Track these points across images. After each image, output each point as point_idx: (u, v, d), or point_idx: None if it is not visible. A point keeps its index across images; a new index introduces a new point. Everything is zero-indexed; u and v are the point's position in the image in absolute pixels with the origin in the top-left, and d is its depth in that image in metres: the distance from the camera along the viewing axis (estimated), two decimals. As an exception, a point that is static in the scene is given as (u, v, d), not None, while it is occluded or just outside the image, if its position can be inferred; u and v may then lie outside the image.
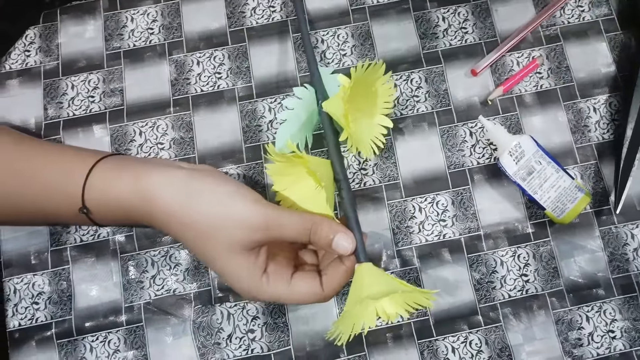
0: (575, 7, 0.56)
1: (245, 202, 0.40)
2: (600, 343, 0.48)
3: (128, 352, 0.48)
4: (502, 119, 0.53)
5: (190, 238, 0.40)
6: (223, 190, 0.41)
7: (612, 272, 0.49)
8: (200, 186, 0.41)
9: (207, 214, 0.40)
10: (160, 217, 0.40)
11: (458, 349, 0.48)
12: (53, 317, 0.48)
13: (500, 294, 0.49)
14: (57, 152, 0.44)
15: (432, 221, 0.50)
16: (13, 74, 0.54)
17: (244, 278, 0.40)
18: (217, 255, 0.40)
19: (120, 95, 0.54)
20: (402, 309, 0.42)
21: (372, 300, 0.41)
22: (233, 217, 0.40)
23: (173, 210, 0.40)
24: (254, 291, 0.41)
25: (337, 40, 0.55)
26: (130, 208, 0.41)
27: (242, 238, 0.39)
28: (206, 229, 0.40)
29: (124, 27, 0.55)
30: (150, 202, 0.40)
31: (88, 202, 0.41)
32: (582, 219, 0.50)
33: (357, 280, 0.41)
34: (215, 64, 0.54)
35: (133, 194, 0.41)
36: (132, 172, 0.41)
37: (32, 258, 0.50)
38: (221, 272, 0.41)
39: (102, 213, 0.42)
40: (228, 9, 0.56)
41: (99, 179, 0.42)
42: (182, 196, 0.40)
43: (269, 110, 0.53)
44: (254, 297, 0.41)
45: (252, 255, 0.40)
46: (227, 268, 0.40)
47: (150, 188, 0.40)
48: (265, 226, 0.40)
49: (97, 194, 0.41)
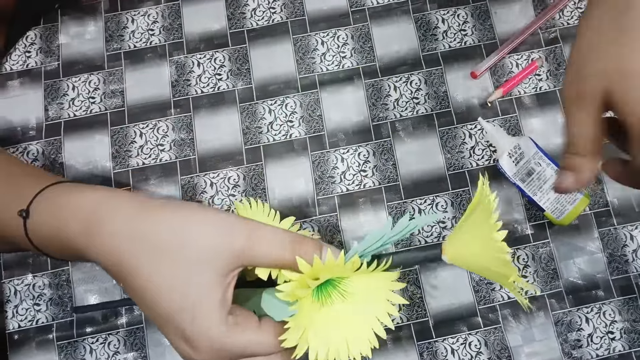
0: (575, 9, 0.56)
1: (220, 210, 0.35)
2: (599, 344, 0.48)
3: (128, 353, 0.48)
4: (502, 121, 0.53)
5: (137, 259, 0.31)
6: (193, 203, 0.34)
7: (612, 273, 0.49)
8: (163, 201, 0.34)
9: (174, 223, 0.32)
10: (104, 231, 0.33)
11: (457, 350, 0.48)
12: (54, 319, 0.48)
13: (499, 296, 0.49)
14: (17, 172, 0.41)
15: (432, 223, 0.50)
16: (14, 74, 0.54)
17: (205, 314, 0.31)
18: (176, 278, 0.31)
19: (121, 96, 0.54)
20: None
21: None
22: (204, 224, 0.32)
23: (123, 220, 0.33)
24: (217, 336, 0.31)
25: (336, 42, 0.55)
26: (72, 217, 0.35)
27: (218, 249, 0.31)
28: (165, 245, 0.31)
29: (124, 28, 0.56)
30: (100, 211, 0.33)
31: (33, 206, 0.37)
32: (582, 221, 0.50)
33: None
34: (216, 65, 0.54)
35: (82, 201, 0.35)
36: (89, 188, 0.37)
37: (31, 259, 0.50)
38: (170, 311, 0.31)
39: (41, 224, 0.37)
40: (228, 10, 0.56)
41: (54, 190, 0.38)
42: (136, 208, 0.33)
43: (269, 112, 0.53)
44: (213, 348, 0.31)
45: (221, 283, 0.32)
46: (185, 297, 0.31)
47: (93, 201, 0.34)
48: (245, 232, 0.32)
49: (45, 198, 0.37)
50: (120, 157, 0.52)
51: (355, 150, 0.52)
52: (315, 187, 0.51)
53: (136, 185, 0.51)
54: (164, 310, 0.32)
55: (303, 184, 0.51)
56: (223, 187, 0.51)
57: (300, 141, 0.52)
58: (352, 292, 0.35)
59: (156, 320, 0.33)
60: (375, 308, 0.35)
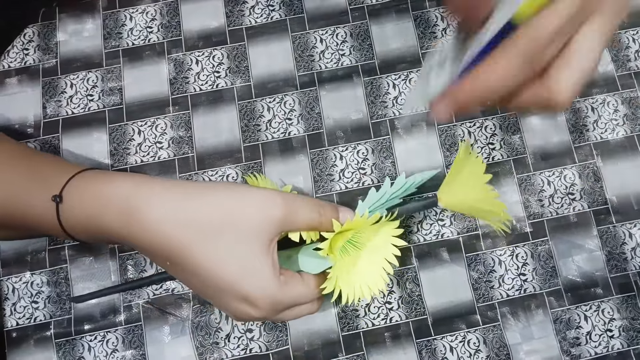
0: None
1: (255, 187, 0.38)
2: (598, 342, 0.48)
3: (126, 351, 0.48)
4: (500, 119, 0.53)
5: (189, 241, 0.35)
6: (229, 182, 0.38)
7: (610, 271, 0.49)
8: (202, 184, 0.38)
9: (217, 203, 0.36)
10: (147, 219, 0.36)
11: (456, 348, 0.48)
12: (52, 316, 0.48)
13: (498, 293, 0.49)
14: (40, 160, 0.43)
15: (431, 220, 0.50)
16: (11, 72, 0.54)
17: (263, 278, 0.36)
18: (230, 253, 0.35)
19: (119, 94, 0.54)
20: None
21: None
22: (249, 200, 0.36)
23: (167, 206, 0.36)
24: (275, 293, 0.37)
25: (335, 40, 0.55)
26: (107, 205, 0.37)
27: (263, 221, 0.36)
28: (217, 222, 0.35)
29: (122, 25, 0.55)
30: (136, 198, 0.36)
31: (65, 193, 0.38)
32: (580, 218, 0.50)
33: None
34: (214, 63, 0.54)
35: (114, 189, 0.37)
36: (118, 175, 0.39)
37: (29, 257, 0.50)
38: (231, 280, 0.36)
39: (74, 210, 0.39)
40: (227, 8, 0.56)
41: (83, 177, 0.40)
42: (181, 191, 0.37)
43: (267, 110, 0.53)
44: (272, 303, 0.37)
45: (269, 250, 0.37)
46: (242, 267, 0.36)
47: (138, 187, 0.37)
48: (284, 204, 0.37)
49: (76, 185, 0.39)
50: (118, 154, 0.52)
51: (354, 148, 0.52)
52: (314, 184, 0.51)
53: (134, 182, 0.51)
54: (223, 282, 0.36)
55: (302, 182, 0.51)
56: (221, 185, 0.51)
57: (299, 139, 0.52)
58: (363, 242, 0.43)
59: (211, 292, 0.38)
60: (383, 252, 0.43)
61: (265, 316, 0.38)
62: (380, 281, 0.43)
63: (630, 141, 0.52)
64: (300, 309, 0.41)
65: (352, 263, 0.43)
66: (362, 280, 0.43)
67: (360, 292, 0.42)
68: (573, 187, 0.51)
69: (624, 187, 0.51)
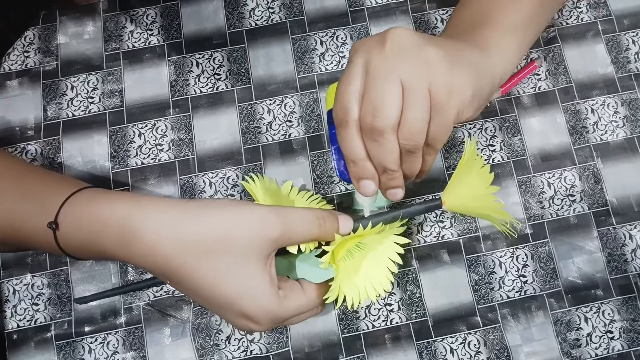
0: (574, 9, 0.56)
1: (251, 203, 0.39)
2: (598, 344, 0.48)
3: (127, 353, 0.48)
4: (501, 121, 0.53)
5: (186, 262, 0.36)
6: (224, 200, 0.39)
7: (611, 272, 0.49)
8: (196, 203, 0.38)
9: (213, 224, 0.36)
10: (144, 241, 0.36)
11: (457, 349, 0.48)
12: (53, 319, 0.48)
13: (498, 295, 0.49)
14: (33, 178, 0.43)
15: (431, 222, 0.50)
16: (12, 74, 0.54)
17: (261, 297, 0.37)
18: (227, 273, 0.36)
19: (120, 96, 0.54)
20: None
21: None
22: (245, 218, 0.37)
23: (163, 228, 0.36)
24: (274, 310, 0.37)
25: (335, 42, 0.55)
26: (104, 229, 0.37)
27: (258, 241, 0.36)
28: (213, 243, 0.36)
29: (123, 28, 0.55)
30: (132, 220, 0.36)
31: (60, 218, 0.39)
32: (580, 220, 0.50)
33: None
34: (215, 65, 0.54)
35: (110, 212, 0.37)
36: (113, 195, 0.40)
37: (30, 259, 0.50)
38: (230, 300, 0.37)
39: (72, 234, 0.39)
40: (227, 10, 0.56)
41: (77, 199, 0.40)
42: (177, 212, 0.37)
43: (268, 112, 0.53)
44: (272, 318, 0.38)
45: (266, 266, 0.37)
46: (240, 287, 0.36)
47: (133, 208, 0.37)
48: (280, 222, 0.37)
49: (72, 209, 0.39)
50: (119, 157, 0.52)
51: (354, 149, 0.52)
52: (314, 186, 0.51)
53: (135, 185, 0.51)
54: (224, 300, 0.37)
55: (302, 184, 0.51)
56: (222, 187, 0.51)
57: (299, 141, 0.52)
58: (366, 243, 0.43)
59: (213, 308, 0.39)
60: (386, 252, 0.44)
61: (267, 329, 0.39)
62: (385, 281, 0.43)
63: (630, 143, 0.52)
64: (302, 316, 0.42)
65: (355, 266, 0.43)
66: (366, 282, 0.43)
67: (366, 294, 0.42)
68: (573, 189, 0.51)
69: (624, 188, 0.51)
